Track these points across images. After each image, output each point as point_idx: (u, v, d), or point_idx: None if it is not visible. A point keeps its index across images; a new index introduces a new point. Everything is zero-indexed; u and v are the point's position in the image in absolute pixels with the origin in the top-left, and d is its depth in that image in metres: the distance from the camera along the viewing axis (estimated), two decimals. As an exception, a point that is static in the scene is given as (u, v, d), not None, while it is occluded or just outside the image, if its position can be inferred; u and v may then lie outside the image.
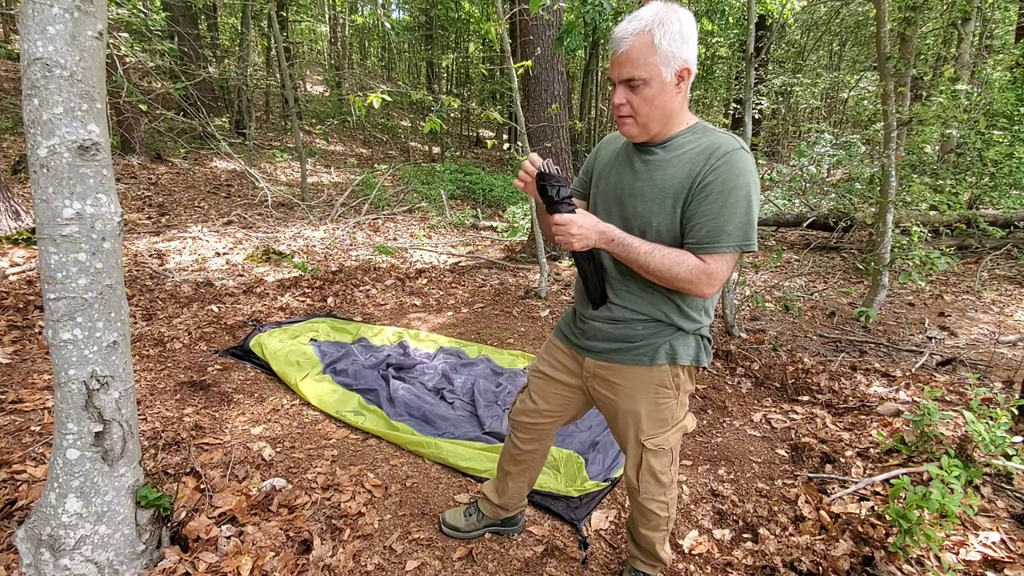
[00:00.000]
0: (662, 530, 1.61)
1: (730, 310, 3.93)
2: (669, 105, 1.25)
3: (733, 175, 1.21)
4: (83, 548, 1.52)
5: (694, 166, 1.25)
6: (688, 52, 1.22)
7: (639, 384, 1.42)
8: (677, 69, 1.22)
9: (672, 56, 1.20)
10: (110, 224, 1.46)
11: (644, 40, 1.19)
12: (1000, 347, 3.84)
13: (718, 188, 1.21)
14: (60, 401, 1.49)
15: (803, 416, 2.83)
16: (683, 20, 1.20)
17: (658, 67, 1.21)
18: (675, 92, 1.25)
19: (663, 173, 1.29)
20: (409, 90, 8.62)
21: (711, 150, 1.24)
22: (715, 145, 1.24)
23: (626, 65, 1.22)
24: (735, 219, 1.22)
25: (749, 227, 1.23)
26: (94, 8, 1.36)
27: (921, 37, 7.17)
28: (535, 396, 1.64)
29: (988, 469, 2.23)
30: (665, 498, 1.55)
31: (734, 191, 1.21)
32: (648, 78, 1.22)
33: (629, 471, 1.53)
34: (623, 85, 1.25)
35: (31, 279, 4.08)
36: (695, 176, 1.24)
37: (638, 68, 1.21)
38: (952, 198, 5.28)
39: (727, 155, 1.22)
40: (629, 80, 1.23)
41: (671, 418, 1.45)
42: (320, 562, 1.77)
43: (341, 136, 13.80)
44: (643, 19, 1.20)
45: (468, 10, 13.82)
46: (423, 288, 4.90)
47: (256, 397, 2.87)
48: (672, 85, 1.23)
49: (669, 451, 1.49)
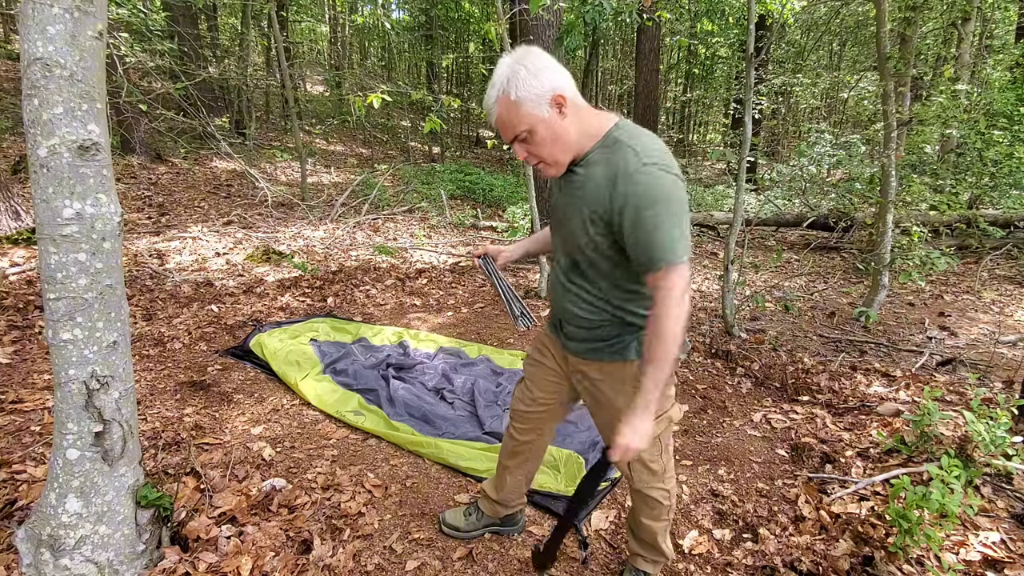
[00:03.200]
0: (663, 519, 1.63)
1: (730, 310, 3.93)
2: (565, 135, 1.27)
3: (642, 194, 1.21)
4: (83, 548, 1.52)
5: (603, 193, 1.26)
6: (547, 82, 1.23)
7: (617, 378, 1.46)
8: (548, 102, 1.24)
9: (536, 97, 1.23)
10: (110, 224, 1.46)
11: (505, 102, 1.24)
12: (1000, 347, 3.84)
13: (634, 214, 1.21)
14: (60, 401, 1.49)
15: (803, 416, 2.83)
16: (530, 61, 1.23)
17: (531, 114, 1.24)
18: (561, 120, 1.26)
19: (581, 193, 1.32)
20: (409, 90, 8.62)
21: (612, 173, 1.24)
22: (617, 169, 1.24)
23: (506, 128, 1.28)
24: (666, 234, 1.21)
25: (682, 236, 1.22)
26: (94, 8, 1.36)
27: (921, 37, 7.17)
28: (530, 384, 1.69)
29: (988, 469, 2.23)
30: (664, 486, 1.58)
31: (651, 210, 1.20)
32: (530, 127, 1.25)
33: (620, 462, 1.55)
34: (516, 142, 1.29)
35: (31, 279, 4.08)
36: (607, 204, 1.25)
37: (517, 126, 1.26)
38: (952, 198, 5.28)
39: (630, 177, 1.22)
40: (515, 138, 1.28)
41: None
42: (320, 562, 1.77)
43: (341, 136, 13.80)
44: (496, 84, 1.25)
45: (468, 10, 13.82)
46: (423, 288, 4.89)
47: (256, 397, 2.87)
48: (555, 116, 1.25)
49: (656, 439, 1.51)
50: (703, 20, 8.77)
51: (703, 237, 7.44)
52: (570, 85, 1.27)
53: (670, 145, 18.25)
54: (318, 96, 15.75)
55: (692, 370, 3.40)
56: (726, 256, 3.84)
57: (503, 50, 4.54)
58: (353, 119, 12.74)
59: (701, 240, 7.41)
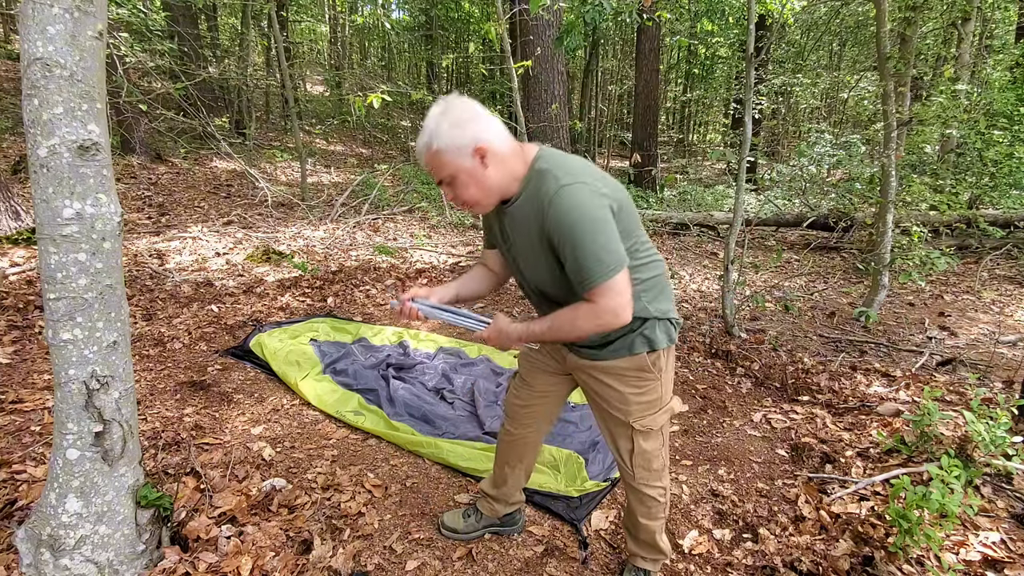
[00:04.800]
0: (660, 518, 1.65)
1: (730, 310, 3.93)
2: (488, 181, 1.31)
3: (564, 214, 1.24)
4: (83, 548, 1.52)
5: (537, 224, 1.30)
6: (471, 134, 1.27)
7: (621, 372, 1.47)
8: (470, 153, 1.27)
9: (458, 148, 1.27)
10: (110, 224, 1.46)
11: (430, 152, 1.29)
12: (1000, 347, 3.84)
13: (561, 234, 1.25)
14: (60, 401, 1.49)
15: (803, 416, 2.83)
16: (455, 112, 1.27)
17: (453, 163, 1.28)
18: (484, 169, 1.30)
19: (524, 229, 1.36)
20: (409, 90, 8.63)
21: (540, 203, 1.28)
22: (540, 195, 1.28)
23: (434, 171, 1.33)
24: (589, 253, 1.23)
25: (606, 252, 1.23)
26: (94, 8, 1.36)
27: (921, 37, 7.17)
28: (525, 378, 1.70)
29: (988, 469, 2.23)
30: (662, 483, 1.60)
31: (574, 227, 1.23)
32: (453, 174, 1.30)
33: (622, 457, 1.57)
34: (442, 185, 1.34)
35: (31, 279, 4.08)
36: (540, 231, 1.30)
37: (441, 172, 1.31)
38: (952, 198, 5.28)
39: (551, 201, 1.25)
40: (441, 181, 1.33)
41: (657, 400, 1.50)
42: (320, 562, 1.77)
43: (341, 136, 13.80)
44: (425, 133, 1.29)
45: (468, 10, 13.82)
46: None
47: (256, 397, 2.87)
48: (477, 165, 1.29)
49: (659, 432, 1.53)
50: (703, 20, 8.77)
51: (703, 237, 7.43)
52: (494, 135, 1.30)
53: (670, 145, 18.14)
54: (318, 96, 15.76)
55: (692, 370, 3.40)
56: (726, 256, 3.84)
57: (503, 50, 4.54)
58: (353, 119, 12.75)
59: (701, 240, 7.41)
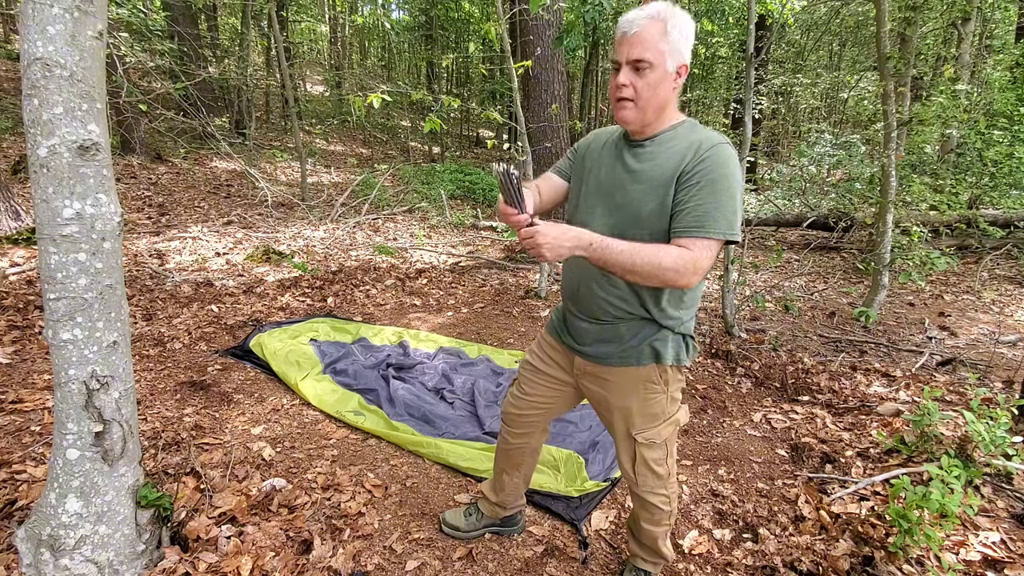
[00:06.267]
0: (664, 524, 1.63)
1: (730, 310, 3.93)
2: (666, 95, 1.31)
3: (719, 164, 1.24)
4: (83, 548, 1.52)
5: (682, 157, 1.28)
6: (688, 51, 1.30)
7: (628, 381, 1.45)
8: (678, 64, 1.29)
9: (677, 49, 1.27)
10: (110, 224, 1.46)
11: (657, 26, 1.25)
12: (1000, 347, 3.84)
13: (706, 177, 1.24)
14: (60, 401, 1.49)
15: (803, 416, 2.83)
16: (688, 21, 1.28)
17: (664, 55, 1.26)
18: (672, 85, 1.30)
19: (652, 164, 1.32)
20: (409, 90, 8.62)
21: (698, 143, 1.28)
22: (702, 139, 1.29)
23: (636, 46, 1.25)
24: (722, 207, 1.23)
25: (734, 217, 1.25)
26: (94, 8, 1.36)
27: (921, 37, 7.16)
28: (525, 388, 1.67)
29: (988, 469, 2.23)
30: (666, 491, 1.57)
31: (721, 180, 1.24)
32: (655, 62, 1.26)
33: (625, 464, 1.56)
34: (629, 66, 1.27)
35: (31, 279, 4.08)
36: (683, 166, 1.27)
37: (648, 50, 1.25)
38: (952, 198, 5.28)
39: (714, 147, 1.26)
40: (637, 61, 1.26)
41: (662, 412, 1.48)
42: (320, 562, 1.77)
43: (341, 136, 13.80)
44: (656, 8, 1.26)
45: (468, 10, 13.80)
46: (423, 288, 4.89)
47: (256, 397, 2.87)
48: (672, 77, 1.29)
49: (663, 444, 1.51)
50: (703, 20, 8.77)
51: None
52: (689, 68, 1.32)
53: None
54: (318, 96, 15.76)
55: (692, 370, 3.40)
56: (726, 256, 3.84)
57: (503, 50, 4.54)
58: (353, 119, 12.75)
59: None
